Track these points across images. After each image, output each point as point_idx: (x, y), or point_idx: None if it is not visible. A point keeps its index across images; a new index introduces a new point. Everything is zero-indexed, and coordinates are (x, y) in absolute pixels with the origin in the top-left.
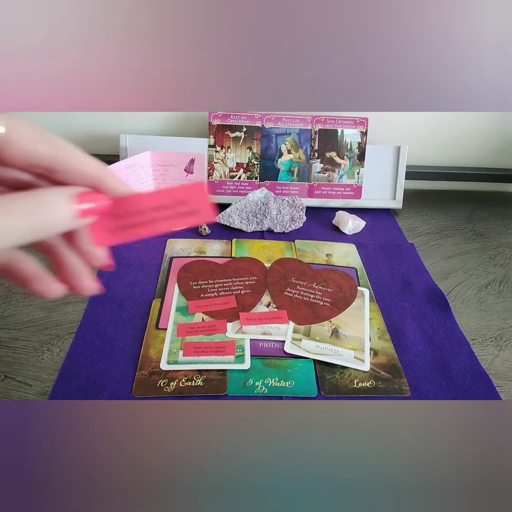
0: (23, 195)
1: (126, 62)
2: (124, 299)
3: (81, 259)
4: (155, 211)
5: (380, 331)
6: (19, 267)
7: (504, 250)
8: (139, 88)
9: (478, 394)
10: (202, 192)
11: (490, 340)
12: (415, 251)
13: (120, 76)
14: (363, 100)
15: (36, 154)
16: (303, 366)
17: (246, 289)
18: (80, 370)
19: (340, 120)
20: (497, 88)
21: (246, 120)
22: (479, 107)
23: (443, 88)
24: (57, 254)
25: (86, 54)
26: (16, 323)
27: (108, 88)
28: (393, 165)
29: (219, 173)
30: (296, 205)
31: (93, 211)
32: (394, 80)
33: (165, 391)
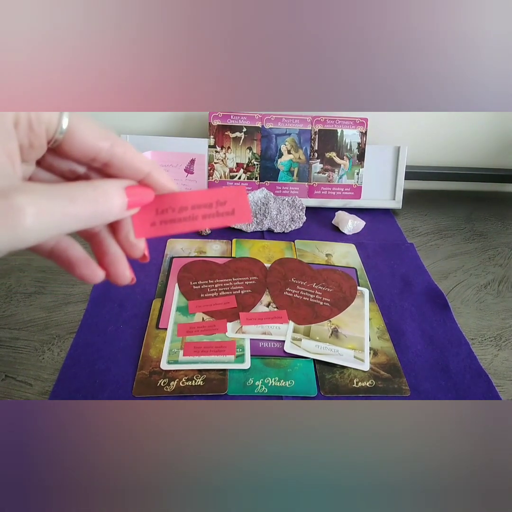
0: (84, 184)
1: (126, 62)
2: (124, 299)
3: (121, 249)
4: (195, 209)
5: (380, 331)
6: (66, 251)
7: (504, 250)
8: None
9: (478, 394)
10: (243, 195)
11: (489, 340)
12: (414, 251)
13: (120, 76)
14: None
15: (97, 149)
16: (303, 365)
17: (246, 289)
18: (80, 369)
19: (339, 121)
20: (497, 88)
21: (246, 121)
22: (479, 107)
23: (443, 88)
24: (99, 242)
25: (85, 53)
26: (16, 323)
27: (108, 88)
28: (392, 165)
29: (219, 173)
30: (296, 205)
31: (139, 203)
32: (394, 80)
33: (166, 390)
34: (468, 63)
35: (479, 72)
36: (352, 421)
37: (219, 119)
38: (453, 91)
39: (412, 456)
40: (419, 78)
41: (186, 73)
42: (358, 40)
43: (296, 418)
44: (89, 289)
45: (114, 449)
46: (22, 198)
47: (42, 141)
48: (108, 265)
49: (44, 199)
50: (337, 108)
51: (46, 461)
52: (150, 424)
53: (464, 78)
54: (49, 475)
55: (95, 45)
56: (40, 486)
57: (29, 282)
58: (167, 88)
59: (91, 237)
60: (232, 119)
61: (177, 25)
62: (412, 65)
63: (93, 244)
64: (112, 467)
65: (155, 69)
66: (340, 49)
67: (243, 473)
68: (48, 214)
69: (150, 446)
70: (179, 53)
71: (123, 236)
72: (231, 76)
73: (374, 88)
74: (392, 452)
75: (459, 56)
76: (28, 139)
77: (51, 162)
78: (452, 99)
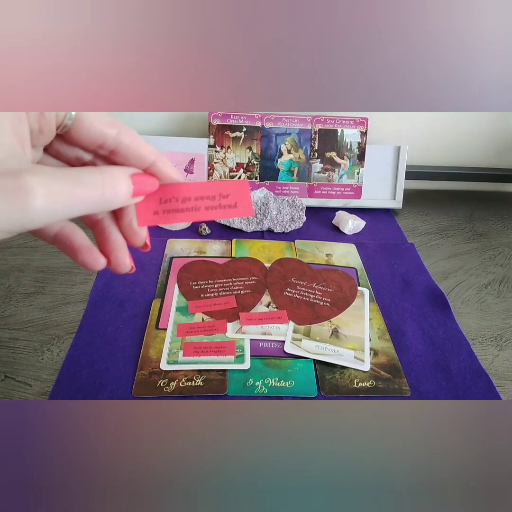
0: (93, 170)
1: (126, 62)
2: (124, 299)
3: (123, 237)
4: (198, 200)
5: (380, 331)
6: (70, 237)
7: (504, 250)
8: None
9: (478, 394)
10: (246, 189)
11: (490, 340)
12: (415, 251)
13: (120, 76)
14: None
15: (104, 136)
16: (303, 366)
17: (246, 289)
18: (80, 370)
19: (340, 120)
20: (497, 88)
21: (246, 120)
22: (479, 107)
23: (444, 88)
24: (102, 229)
25: (85, 53)
26: (16, 323)
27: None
28: (393, 165)
29: (219, 173)
30: (296, 205)
31: (144, 191)
32: (394, 80)
33: (165, 391)
34: (468, 63)
35: (479, 72)
36: (352, 421)
37: (219, 119)
38: (454, 91)
39: (412, 456)
40: (419, 78)
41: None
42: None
43: (296, 419)
44: (88, 289)
45: (114, 449)
46: (33, 179)
47: (51, 127)
48: (109, 252)
49: (53, 181)
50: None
51: (46, 461)
52: (149, 425)
53: (464, 78)
54: (48, 475)
55: (95, 45)
56: (40, 486)
57: (28, 282)
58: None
59: (94, 224)
60: (232, 118)
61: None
62: (412, 65)
63: (96, 231)
64: (112, 467)
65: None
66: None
67: (243, 473)
68: (57, 196)
69: (150, 447)
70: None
71: (126, 224)
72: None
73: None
74: (392, 452)
75: (459, 56)
76: (38, 124)
77: (58, 148)
78: (452, 99)
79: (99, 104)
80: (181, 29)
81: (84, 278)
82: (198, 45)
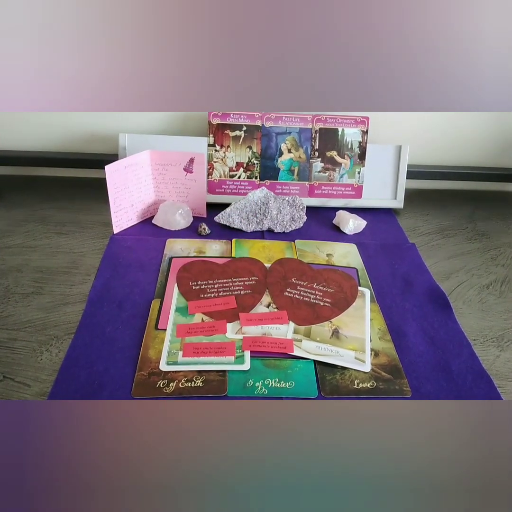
0: None
1: (126, 62)
2: (123, 299)
3: None
4: None
5: (381, 331)
6: None
7: (506, 250)
8: (139, 88)
9: (479, 395)
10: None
11: (491, 340)
12: (416, 251)
13: (120, 76)
14: (364, 100)
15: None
16: (304, 367)
17: (246, 289)
18: (79, 370)
19: (340, 119)
20: (497, 88)
21: (246, 119)
22: (479, 107)
23: (444, 88)
24: None
25: (86, 54)
26: (14, 324)
27: (107, 88)
28: (394, 165)
29: (218, 173)
30: (297, 204)
31: None
32: (394, 80)
33: (165, 392)
34: (469, 64)
35: (479, 72)
36: (352, 422)
37: (219, 118)
38: (454, 91)
39: (413, 456)
40: (419, 78)
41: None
42: (359, 40)
43: (296, 419)
44: (87, 289)
45: (113, 449)
46: None
47: None
48: None
49: None
50: (338, 108)
51: (45, 461)
52: (149, 425)
53: (465, 78)
54: (47, 475)
55: (95, 46)
56: (39, 485)
57: (27, 282)
58: (167, 88)
59: None
60: (232, 117)
61: (177, 26)
62: (413, 65)
63: None
64: (111, 467)
65: (155, 69)
66: (341, 50)
67: (243, 473)
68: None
69: (149, 447)
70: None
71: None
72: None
73: (375, 88)
74: (393, 452)
75: (460, 56)
76: None
77: None
78: (452, 99)
79: (100, 104)
80: (181, 31)
81: (83, 278)
82: (198, 46)
